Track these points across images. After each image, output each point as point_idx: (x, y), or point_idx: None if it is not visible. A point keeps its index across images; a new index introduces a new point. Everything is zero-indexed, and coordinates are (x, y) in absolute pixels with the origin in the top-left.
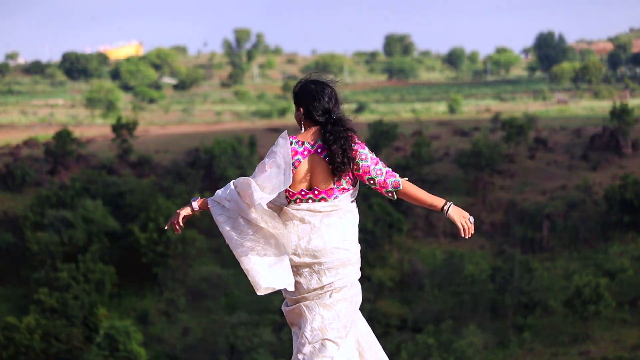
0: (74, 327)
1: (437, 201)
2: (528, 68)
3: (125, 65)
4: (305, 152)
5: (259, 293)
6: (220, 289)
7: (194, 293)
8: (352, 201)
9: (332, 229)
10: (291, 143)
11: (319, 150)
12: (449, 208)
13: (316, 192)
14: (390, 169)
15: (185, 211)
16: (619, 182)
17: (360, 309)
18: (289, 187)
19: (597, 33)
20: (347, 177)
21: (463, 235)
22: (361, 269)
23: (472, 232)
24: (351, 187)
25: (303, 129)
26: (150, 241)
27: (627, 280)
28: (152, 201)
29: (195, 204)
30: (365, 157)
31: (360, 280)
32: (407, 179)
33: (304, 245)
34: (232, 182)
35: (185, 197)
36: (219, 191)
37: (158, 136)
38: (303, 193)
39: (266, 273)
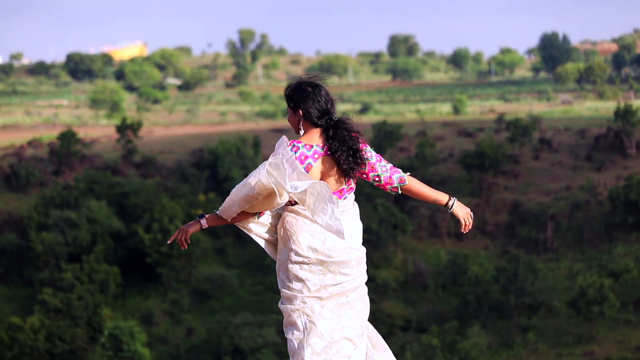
0: (78, 327)
1: (441, 196)
2: (532, 69)
3: (129, 66)
4: (316, 155)
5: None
6: (224, 289)
7: (198, 293)
8: (353, 203)
9: (345, 229)
10: (298, 148)
11: (329, 152)
12: (453, 203)
13: None
14: (393, 165)
15: (193, 228)
16: (623, 183)
17: None
18: None
19: (602, 34)
20: (355, 176)
21: (463, 230)
22: (365, 270)
23: (470, 228)
24: (355, 185)
25: (302, 131)
26: (154, 242)
27: (631, 281)
28: (157, 202)
29: (204, 222)
30: (371, 154)
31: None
32: (409, 173)
33: (319, 245)
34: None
35: (190, 198)
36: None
37: (162, 137)
38: None
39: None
